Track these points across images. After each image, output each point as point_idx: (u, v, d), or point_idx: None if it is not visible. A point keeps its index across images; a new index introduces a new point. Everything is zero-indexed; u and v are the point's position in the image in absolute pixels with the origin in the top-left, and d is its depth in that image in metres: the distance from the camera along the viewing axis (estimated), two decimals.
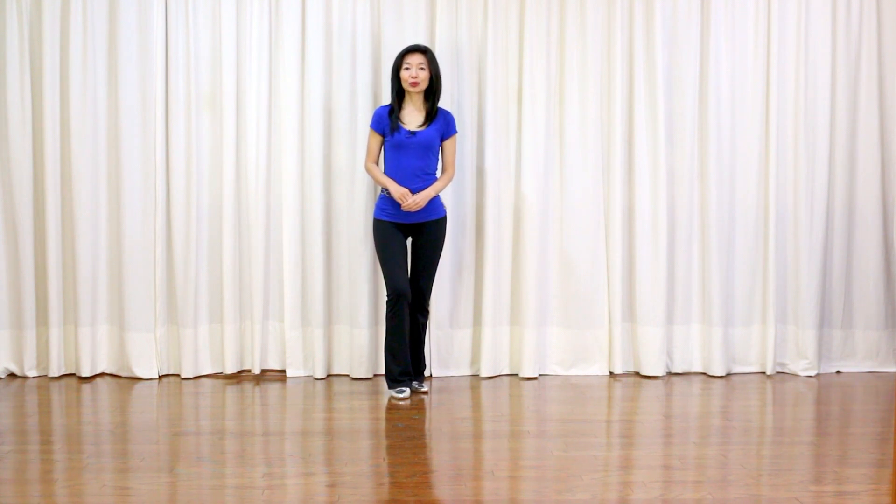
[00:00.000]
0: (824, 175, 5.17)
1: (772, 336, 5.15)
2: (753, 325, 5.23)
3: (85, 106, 5.00)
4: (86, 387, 4.92)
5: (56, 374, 5.05)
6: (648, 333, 5.13)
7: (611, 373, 5.20)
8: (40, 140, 5.01)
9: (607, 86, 5.13)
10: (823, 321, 5.23)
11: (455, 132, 4.74)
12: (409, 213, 4.58)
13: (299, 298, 5.09)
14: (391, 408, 4.47)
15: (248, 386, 4.96)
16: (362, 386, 4.91)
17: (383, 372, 4.83)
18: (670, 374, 5.21)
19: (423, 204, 4.56)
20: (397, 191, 4.54)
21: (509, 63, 5.10)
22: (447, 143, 4.70)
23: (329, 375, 5.14)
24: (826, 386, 4.99)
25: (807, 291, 5.13)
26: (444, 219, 4.73)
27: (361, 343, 5.03)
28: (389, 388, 4.64)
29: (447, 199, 4.94)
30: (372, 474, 3.45)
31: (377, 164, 4.73)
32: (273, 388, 4.90)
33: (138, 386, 4.93)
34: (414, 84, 4.59)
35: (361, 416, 4.32)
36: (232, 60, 5.02)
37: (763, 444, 3.88)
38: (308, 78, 5.04)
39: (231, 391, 4.85)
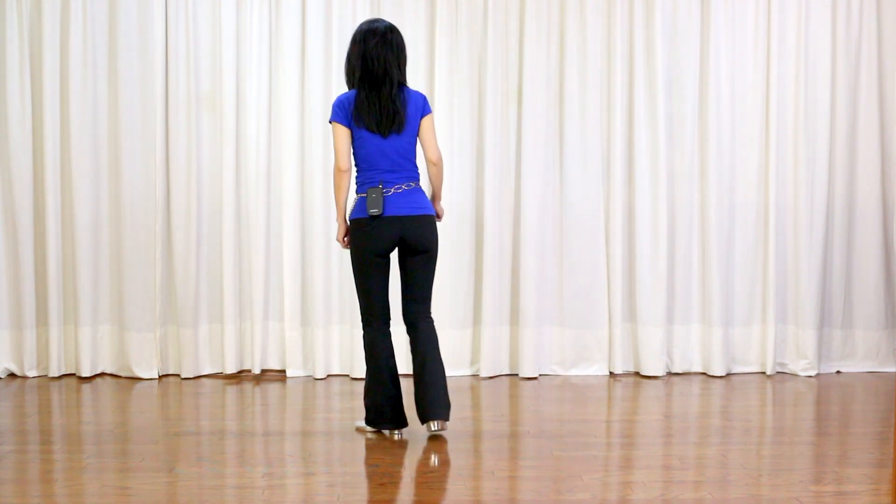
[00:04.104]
0: (824, 175, 5.17)
1: (772, 336, 5.15)
2: (753, 325, 5.23)
3: (85, 106, 5.00)
4: (86, 387, 4.92)
5: (56, 374, 5.05)
6: (648, 333, 5.13)
7: (611, 373, 5.20)
8: (40, 140, 5.01)
9: (607, 86, 5.13)
10: (823, 321, 5.23)
11: None
12: None
13: (299, 298, 5.09)
14: None
15: (248, 386, 4.96)
16: (362, 386, 4.90)
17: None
18: (670, 374, 5.21)
19: None
20: None
21: (509, 63, 5.11)
22: None
23: (329, 375, 5.14)
24: (826, 386, 4.99)
25: (807, 291, 5.13)
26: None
27: (361, 343, 5.02)
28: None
29: (448, 198, 4.96)
30: (372, 474, 3.45)
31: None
32: (273, 388, 4.90)
33: (138, 386, 4.93)
34: None
35: (361, 416, 4.31)
36: (232, 60, 5.02)
37: (763, 444, 3.88)
38: (308, 78, 5.04)
39: (231, 391, 4.85)
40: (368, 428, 3.99)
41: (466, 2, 5.08)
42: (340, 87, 5.02)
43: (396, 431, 3.92)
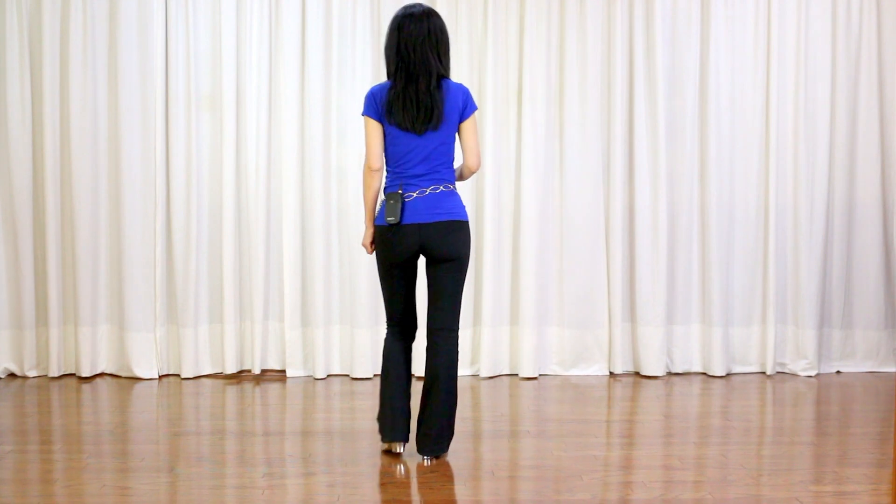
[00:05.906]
0: (824, 175, 5.17)
1: (772, 336, 5.15)
2: (753, 325, 5.23)
3: (85, 106, 5.00)
4: (86, 387, 4.92)
5: (56, 374, 5.05)
6: (648, 333, 5.13)
7: (611, 373, 5.20)
8: (40, 140, 5.01)
9: (607, 86, 5.13)
10: (823, 321, 5.23)
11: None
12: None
13: (299, 298, 5.09)
14: None
15: (248, 386, 4.96)
16: (362, 386, 4.91)
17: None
18: (670, 374, 5.21)
19: None
20: None
21: (509, 63, 5.11)
22: None
23: (329, 375, 5.14)
24: (826, 386, 4.99)
25: (807, 291, 5.13)
26: None
27: (361, 343, 5.03)
28: None
29: None
30: (372, 474, 3.45)
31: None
32: (273, 388, 4.90)
33: (138, 386, 4.93)
34: None
35: (361, 416, 4.32)
36: (232, 60, 5.02)
37: (763, 444, 3.88)
38: (308, 78, 5.04)
39: (231, 391, 4.85)
40: (384, 444, 3.71)
41: (466, 2, 5.08)
42: (341, 86, 5.02)
43: (397, 445, 3.64)
